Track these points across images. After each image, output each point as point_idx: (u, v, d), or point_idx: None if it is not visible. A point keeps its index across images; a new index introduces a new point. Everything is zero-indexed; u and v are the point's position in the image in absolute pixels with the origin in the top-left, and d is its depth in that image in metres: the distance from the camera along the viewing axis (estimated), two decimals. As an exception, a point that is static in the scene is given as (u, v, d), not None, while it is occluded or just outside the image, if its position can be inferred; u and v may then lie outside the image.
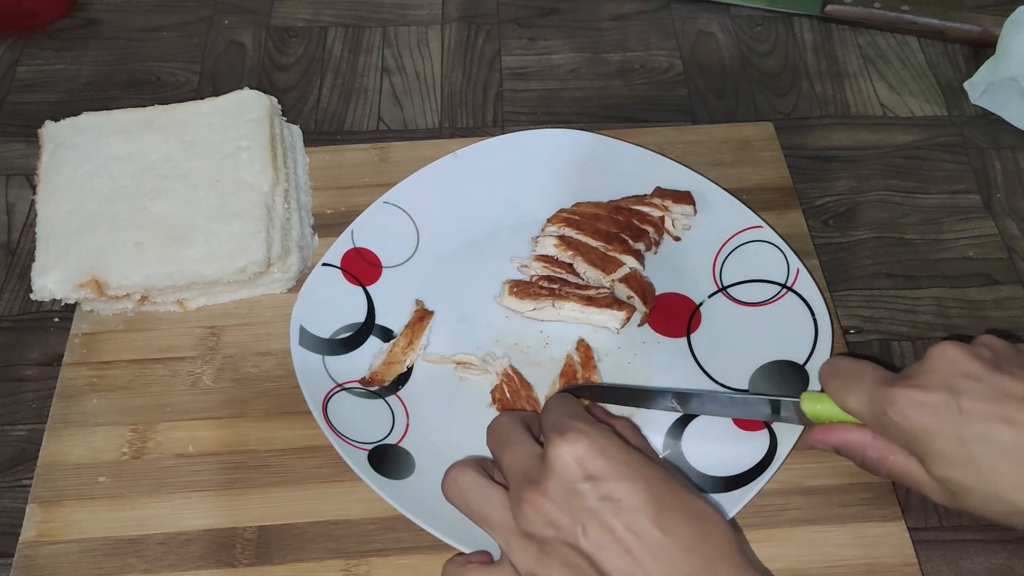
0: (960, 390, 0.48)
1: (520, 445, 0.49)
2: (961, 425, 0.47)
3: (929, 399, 0.48)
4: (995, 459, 0.47)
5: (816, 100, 0.79)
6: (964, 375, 0.49)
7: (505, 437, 0.50)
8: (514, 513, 0.47)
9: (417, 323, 0.63)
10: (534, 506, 0.46)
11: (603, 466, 0.46)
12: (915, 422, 0.49)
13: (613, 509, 0.45)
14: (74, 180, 0.65)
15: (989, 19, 0.81)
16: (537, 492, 0.46)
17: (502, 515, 0.48)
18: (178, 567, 0.55)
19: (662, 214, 0.68)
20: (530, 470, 0.47)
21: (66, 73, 0.82)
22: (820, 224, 0.71)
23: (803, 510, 0.57)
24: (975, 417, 0.47)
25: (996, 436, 0.47)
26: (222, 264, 0.62)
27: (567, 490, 0.45)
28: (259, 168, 0.65)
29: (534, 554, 0.46)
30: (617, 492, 0.45)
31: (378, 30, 0.85)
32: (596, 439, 0.47)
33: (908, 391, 0.49)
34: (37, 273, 0.62)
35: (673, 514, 0.45)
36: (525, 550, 0.46)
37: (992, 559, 0.56)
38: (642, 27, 0.85)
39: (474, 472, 0.50)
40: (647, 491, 0.45)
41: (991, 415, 0.47)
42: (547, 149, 0.71)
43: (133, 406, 0.61)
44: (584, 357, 0.62)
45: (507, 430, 0.51)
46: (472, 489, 0.49)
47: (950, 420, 0.48)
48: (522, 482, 0.47)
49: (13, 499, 0.59)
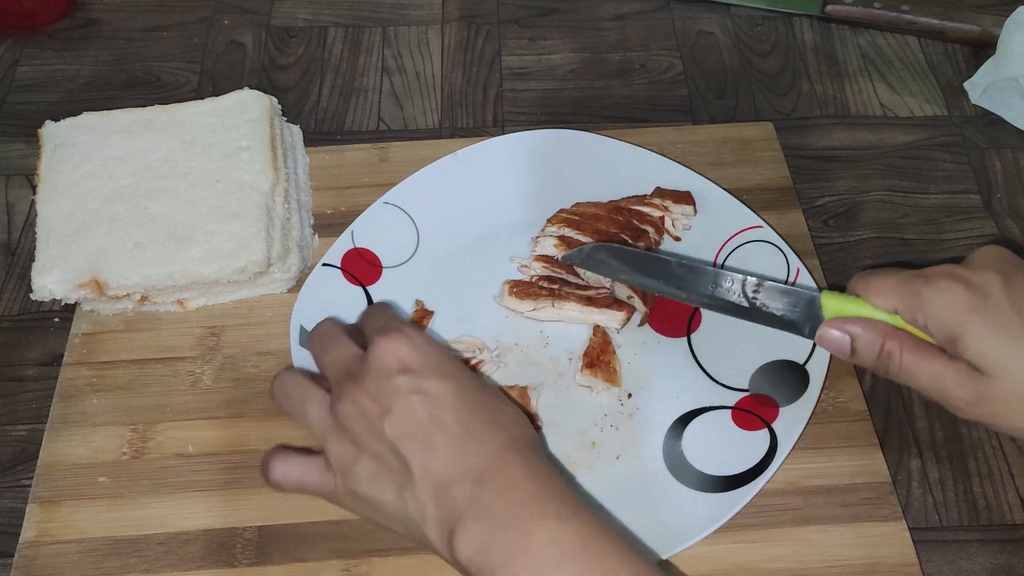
0: (1008, 272, 0.49)
1: (342, 346, 0.52)
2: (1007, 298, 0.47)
3: (976, 276, 0.49)
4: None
5: (816, 100, 0.79)
6: (1012, 262, 0.50)
7: (328, 339, 0.53)
8: (332, 409, 0.49)
9: (417, 323, 0.63)
10: (350, 397, 0.48)
11: (419, 362, 0.48)
12: (960, 295, 0.48)
13: (420, 400, 0.47)
14: (74, 180, 0.65)
15: (989, 19, 0.81)
16: (353, 385, 0.48)
17: (321, 414, 0.50)
18: (178, 567, 0.55)
19: (662, 214, 0.68)
20: (351, 367, 0.50)
21: (66, 73, 0.82)
22: (820, 224, 0.71)
23: (803, 510, 0.57)
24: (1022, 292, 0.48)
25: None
26: (222, 264, 0.62)
27: (382, 381, 0.48)
28: (259, 168, 0.65)
29: (349, 449, 0.48)
30: (427, 386, 0.47)
31: (378, 30, 0.85)
32: (416, 340, 0.49)
33: (953, 268, 0.50)
34: (37, 273, 0.62)
35: (477, 413, 0.48)
36: (339, 445, 0.49)
37: (992, 559, 0.56)
38: (642, 27, 0.85)
39: (299, 374, 0.53)
40: (456, 390, 0.48)
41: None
42: (547, 149, 0.71)
43: (133, 406, 0.61)
44: (602, 342, 0.62)
45: (330, 333, 0.53)
46: (295, 388, 0.52)
47: (996, 293, 0.48)
48: (343, 378, 0.49)
49: (13, 499, 0.59)
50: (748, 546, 0.55)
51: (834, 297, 0.53)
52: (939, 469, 0.59)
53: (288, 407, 0.52)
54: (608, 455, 0.58)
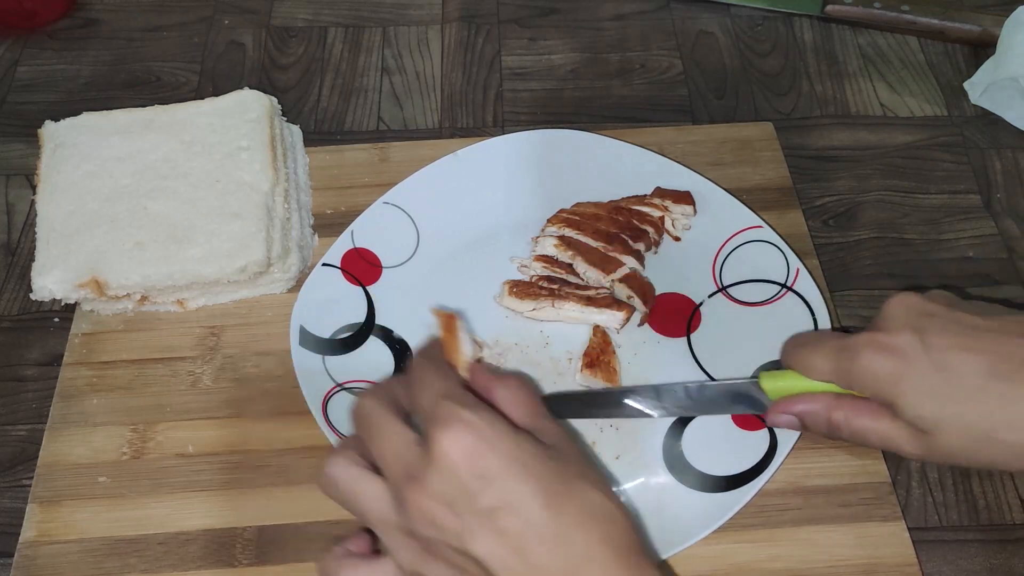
0: (924, 328, 0.49)
1: (393, 433, 0.45)
2: (928, 358, 0.48)
3: (895, 340, 0.49)
4: (963, 387, 0.48)
5: (816, 100, 0.79)
6: (924, 314, 0.50)
7: (374, 423, 0.45)
8: (396, 510, 0.44)
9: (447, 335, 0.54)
10: (417, 506, 0.42)
11: (491, 463, 0.42)
12: (884, 365, 0.49)
13: (504, 512, 0.42)
14: (74, 180, 0.65)
15: (989, 19, 0.81)
16: (419, 491, 0.42)
17: (381, 510, 0.44)
18: (178, 567, 0.55)
19: (662, 214, 0.68)
20: (410, 463, 0.43)
21: (66, 73, 0.82)
22: (820, 224, 0.71)
23: (803, 510, 0.57)
24: (941, 349, 0.48)
25: (960, 365, 0.48)
26: (222, 264, 0.62)
27: (452, 489, 0.42)
28: (259, 168, 0.65)
29: (418, 552, 0.43)
30: (508, 494, 0.42)
31: (378, 30, 0.85)
32: (482, 431, 0.43)
33: (874, 336, 0.50)
34: (37, 273, 0.62)
35: (568, 518, 0.42)
36: (408, 548, 0.44)
37: (992, 559, 0.56)
38: (642, 27, 0.85)
39: (348, 463, 0.46)
40: (540, 492, 0.42)
41: (954, 345, 0.48)
42: (547, 149, 0.71)
43: (133, 406, 0.61)
44: (602, 342, 0.62)
45: (375, 415, 0.46)
46: (347, 483, 0.45)
47: (916, 356, 0.49)
48: (402, 478, 0.43)
49: (13, 499, 0.59)
50: (748, 546, 0.55)
51: (772, 378, 0.54)
52: (939, 469, 0.59)
53: (339, 500, 0.46)
54: (608, 455, 0.58)
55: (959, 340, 0.49)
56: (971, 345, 0.48)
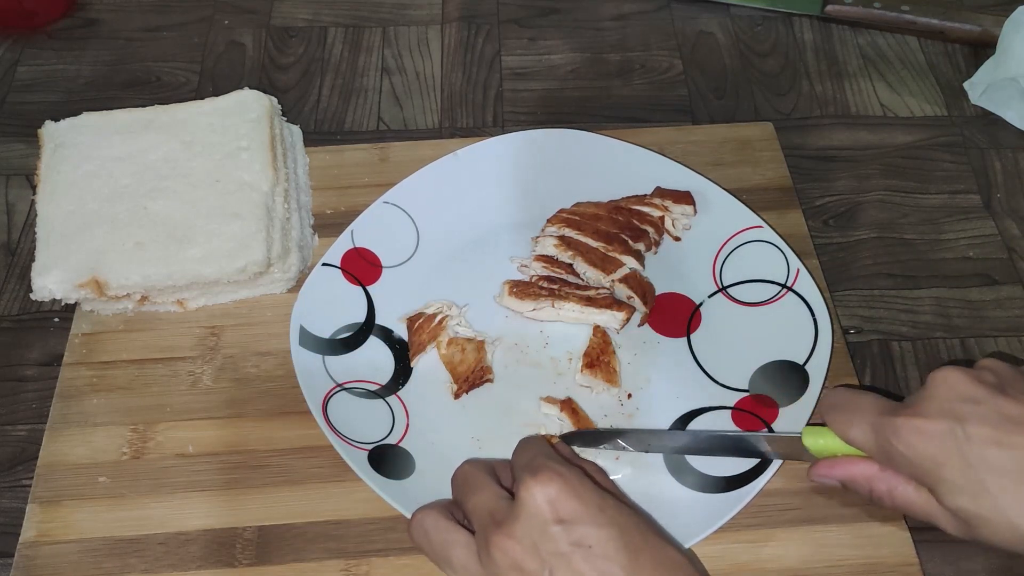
0: (963, 416, 0.46)
1: (486, 489, 0.48)
2: (967, 452, 0.46)
3: (933, 427, 0.47)
4: (1003, 484, 0.45)
5: (816, 100, 0.79)
6: (966, 399, 0.47)
7: (471, 483, 0.49)
8: (480, 556, 0.46)
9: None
10: (501, 549, 0.45)
11: (575, 509, 0.45)
12: (921, 451, 0.47)
13: (584, 555, 0.44)
14: (74, 180, 0.65)
15: (989, 19, 0.81)
16: (504, 534, 0.45)
17: (466, 558, 0.46)
18: (178, 567, 0.55)
19: (662, 214, 0.68)
20: (496, 512, 0.46)
21: (66, 73, 0.82)
22: (820, 224, 0.71)
23: (803, 510, 0.57)
24: (980, 442, 0.46)
25: (1001, 461, 0.45)
26: (222, 264, 0.62)
27: (537, 532, 0.44)
28: (259, 168, 0.65)
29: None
30: (589, 538, 0.44)
31: (378, 30, 0.85)
32: (569, 480, 0.46)
33: (911, 420, 0.47)
34: (37, 273, 0.62)
35: (645, 564, 0.44)
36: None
37: (992, 559, 0.56)
38: (642, 27, 0.85)
39: (439, 515, 0.49)
40: (619, 538, 0.44)
41: (994, 440, 0.46)
42: (547, 149, 0.71)
43: (133, 406, 0.61)
44: (602, 342, 0.62)
45: (472, 476, 0.50)
46: (436, 531, 0.48)
47: (956, 447, 0.46)
48: (488, 524, 0.46)
49: (13, 499, 0.59)
50: (748, 546, 0.55)
51: (815, 435, 0.52)
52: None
53: (429, 552, 0.48)
54: (608, 455, 0.58)
55: (999, 434, 0.45)
56: (1011, 442, 0.46)
